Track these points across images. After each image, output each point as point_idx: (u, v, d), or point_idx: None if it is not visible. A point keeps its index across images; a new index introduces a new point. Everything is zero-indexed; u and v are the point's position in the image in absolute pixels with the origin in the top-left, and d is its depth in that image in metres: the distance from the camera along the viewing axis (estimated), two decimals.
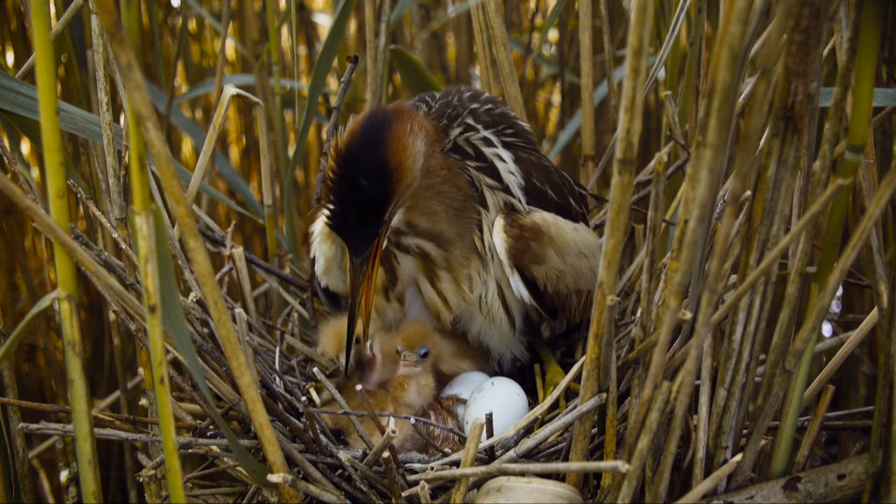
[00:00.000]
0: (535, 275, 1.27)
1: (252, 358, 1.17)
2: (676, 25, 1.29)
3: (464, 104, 1.34)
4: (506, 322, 1.34)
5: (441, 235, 1.26)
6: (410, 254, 1.28)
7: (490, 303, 1.32)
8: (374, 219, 1.17)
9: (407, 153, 1.17)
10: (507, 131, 1.34)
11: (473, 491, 1.02)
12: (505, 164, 1.29)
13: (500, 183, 1.28)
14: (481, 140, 1.30)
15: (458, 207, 1.26)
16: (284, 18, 1.91)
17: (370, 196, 1.14)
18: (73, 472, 1.56)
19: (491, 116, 1.34)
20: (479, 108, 1.34)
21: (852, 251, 0.88)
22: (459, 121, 1.31)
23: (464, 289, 1.30)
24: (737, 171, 0.79)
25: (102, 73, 1.20)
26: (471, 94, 1.38)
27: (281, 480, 0.95)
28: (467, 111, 1.33)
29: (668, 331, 0.84)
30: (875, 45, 0.89)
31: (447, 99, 1.37)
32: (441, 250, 1.28)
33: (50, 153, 0.81)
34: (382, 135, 1.15)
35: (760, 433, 0.99)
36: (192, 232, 0.83)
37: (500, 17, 1.52)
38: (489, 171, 1.28)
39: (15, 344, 0.92)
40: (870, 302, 1.89)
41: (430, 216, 1.25)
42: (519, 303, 1.32)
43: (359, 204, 1.15)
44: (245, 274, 1.47)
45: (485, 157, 1.29)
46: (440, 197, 1.25)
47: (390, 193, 1.16)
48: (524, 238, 1.25)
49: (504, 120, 1.36)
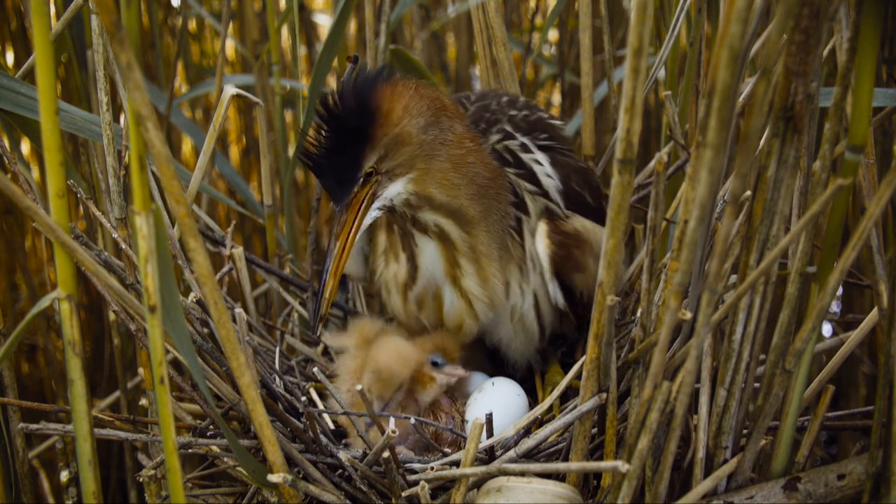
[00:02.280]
0: (574, 283, 1.25)
1: (252, 358, 1.16)
2: (676, 25, 1.29)
3: (502, 110, 1.33)
4: (536, 331, 1.31)
5: (461, 212, 1.21)
6: (429, 234, 1.23)
7: (525, 312, 1.29)
8: (352, 162, 1.16)
9: (397, 104, 1.17)
10: (542, 136, 1.33)
11: (473, 491, 1.02)
12: (542, 168, 1.28)
13: (539, 188, 1.26)
14: (519, 146, 1.29)
15: (482, 184, 1.22)
16: (284, 18, 1.91)
17: (347, 133, 1.14)
18: (73, 472, 1.56)
19: (528, 123, 1.33)
20: (517, 114, 1.33)
21: (852, 251, 0.88)
22: (498, 127, 1.30)
23: (492, 287, 1.25)
24: (737, 171, 0.79)
25: (102, 73, 1.20)
26: (508, 100, 1.37)
27: (281, 480, 0.95)
28: (506, 118, 1.31)
29: (668, 331, 0.84)
30: (875, 45, 0.89)
31: (485, 102, 1.35)
32: (462, 231, 1.22)
33: (50, 153, 0.81)
34: (375, 81, 1.17)
35: (760, 433, 0.99)
36: (192, 232, 0.83)
37: (500, 17, 1.52)
38: (528, 176, 1.27)
39: (15, 344, 0.92)
40: (870, 302, 1.89)
41: (449, 189, 1.21)
42: (553, 311, 1.30)
43: (336, 141, 1.14)
44: (245, 274, 1.47)
45: (523, 163, 1.27)
46: (461, 168, 1.21)
47: (368, 136, 1.15)
48: (567, 245, 1.23)
49: (540, 126, 1.35)
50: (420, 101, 1.20)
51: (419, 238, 1.25)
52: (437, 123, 1.21)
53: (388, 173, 1.20)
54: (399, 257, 1.29)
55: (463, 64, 2.61)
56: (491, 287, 1.26)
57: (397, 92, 1.19)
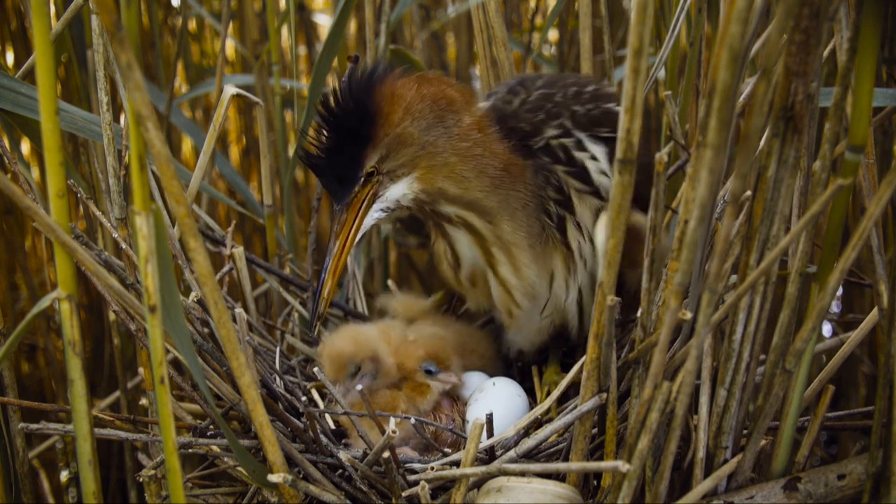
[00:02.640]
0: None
1: (252, 358, 1.16)
2: (676, 25, 1.29)
3: (566, 103, 1.26)
4: (576, 327, 1.29)
5: (478, 203, 1.20)
6: (455, 224, 1.23)
7: (567, 306, 1.28)
8: (351, 162, 1.16)
9: (397, 105, 1.17)
10: (604, 130, 1.26)
11: (473, 491, 1.02)
12: (597, 164, 1.23)
13: (590, 186, 1.23)
14: (574, 143, 1.24)
15: (494, 175, 1.21)
16: (284, 18, 1.91)
17: (348, 133, 1.14)
18: (73, 472, 1.56)
19: (589, 118, 1.26)
20: (580, 109, 1.26)
21: (852, 251, 0.88)
22: (558, 122, 1.25)
23: (525, 277, 1.24)
24: (737, 171, 0.79)
25: (102, 73, 1.20)
26: (575, 92, 1.29)
27: (281, 480, 0.95)
28: (567, 112, 1.26)
29: (668, 331, 0.84)
30: (875, 45, 0.88)
31: (550, 91, 1.29)
32: (485, 222, 1.21)
33: (50, 153, 0.81)
34: (375, 80, 1.17)
35: (760, 433, 0.99)
36: (192, 232, 0.83)
37: (500, 17, 1.52)
38: (579, 175, 1.23)
39: (15, 344, 0.92)
40: (870, 302, 1.89)
41: (458, 181, 1.20)
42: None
43: (336, 141, 1.14)
44: (245, 274, 1.47)
45: (574, 160, 1.23)
46: (469, 161, 1.20)
47: (368, 136, 1.15)
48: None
49: (606, 119, 1.28)
50: (422, 100, 1.19)
51: (449, 228, 1.25)
52: (442, 121, 1.20)
53: (390, 174, 1.19)
54: (440, 242, 1.30)
55: (463, 64, 2.61)
56: (524, 276, 1.24)
57: (397, 92, 1.19)
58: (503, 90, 1.33)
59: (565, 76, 1.38)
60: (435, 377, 1.27)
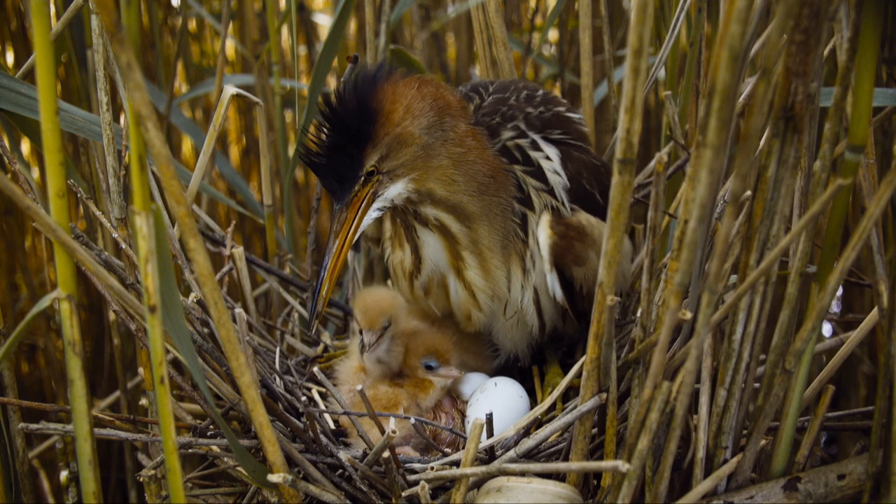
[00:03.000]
0: (574, 275, 1.25)
1: (252, 358, 1.16)
2: (676, 25, 1.29)
3: (520, 106, 1.31)
4: (536, 325, 1.31)
5: (461, 207, 1.22)
6: (430, 227, 1.24)
7: (525, 307, 1.29)
8: (351, 162, 1.17)
9: (398, 104, 1.18)
10: (556, 132, 1.31)
11: (473, 491, 1.02)
12: (551, 164, 1.27)
13: (545, 185, 1.26)
14: (529, 144, 1.28)
15: (482, 181, 1.23)
16: (284, 18, 1.91)
17: (349, 133, 1.15)
18: (73, 472, 1.56)
19: (542, 120, 1.31)
20: (533, 112, 1.31)
21: (852, 251, 0.88)
22: (513, 124, 1.29)
23: (495, 279, 1.26)
24: (737, 171, 0.79)
25: (102, 73, 1.20)
26: (527, 95, 1.34)
27: (281, 480, 0.95)
28: (522, 115, 1.30)
29: (668, 331, 0.84)
30: (875, 45, 0.89)
31: (503, 95, 1.33)
32: (462, 226, 1.23)
33: (50, 153, 0.81)
34: (377, 80, 1.19)
35: (760, 433, 0.99)
36: (192, 232, 0.83)
37: (500, 17, 1.52)
38: (535, 174, 1.26)
39: (15, 344, 0.92)
40: (870, 302, 1.89)
41: (448, 184, 1.22)
42: (553, 306, 1.29)
43: (337, 140, 1.16)
44: (245, 274, 1.47)
45: (531, 159, 1.27)
46: (462, 166, 1.22)
47: (369, 135, 1.16)
48: (568, 237, 1.23)
49: (556, 122, 1.33)
50: (422, 100, 1.21)
51: (421, 231, 1.26)
52: (440, 123, 1.21)
53: (390, 173, 1.20)
54: (404, 247, 1.31)
55: (463, 64, 2.61)
56: (493, 279, 1.27)
57: (399, 92, 1.20)
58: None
59: (515, 81, 1.42)
60: (435, 372, 1.27)
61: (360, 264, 1.76)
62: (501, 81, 1.40)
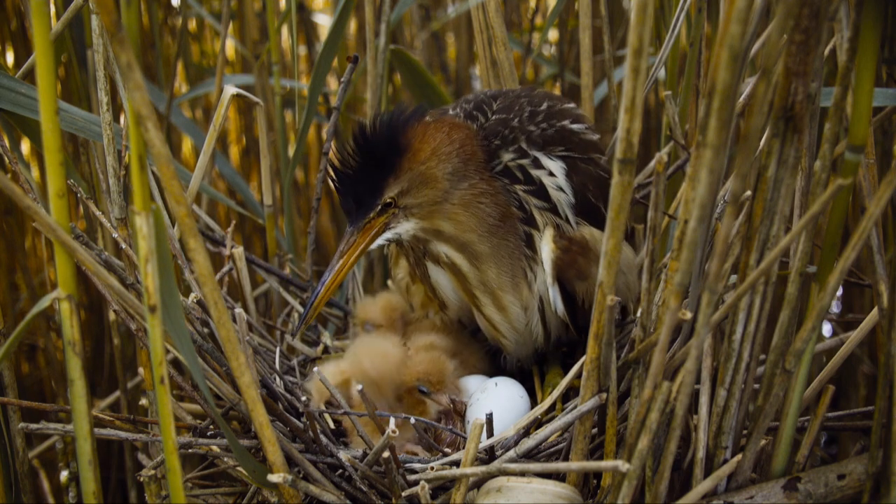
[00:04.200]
0: (577, 289, 1.26)
1: (252, 358, 1.17)
2: (676, 25, 1.29)
3: (522, 127, 1.30)
4: (541, 335, 1.33)
5: (470, 247, 1.25)
6: (441, 265, 1.27)
7: (533, 328, 1.31)
8: (372, 189, 1.20)
9: (427, 144, 1.22)
10: (559, 149, 1.30)
11: (473, 491, 1.02)
12: (554, 179, 1.27)
13: (547, 202, 1.26)
14: (531, 162, 1.28)
15: (492, 224, 1.25)
16: (284, 18, 1.91)
17: (375, 161, 1.18)
18: (73, 472, 1.56)
19: (544, 137, 1.30)
20: (535, 130, 1.30)
21: (852, 251, 0.88)
22: (515, 147, 1.29)
23: (510, 314, 1.29)
24: (737, 171, 0.79)
25: (102, 73, 1.20)
26: (531, 112, 1.33)
27: (281, 480, 0.95)
28: (524, 136, 1.29)
29: (668, 331, 0.84)
30: (875, 45, 0.89)
31: (506, 116, 1.32)
32: (472, 266, 1.26)
33: (50, 153, 0.81)
34: (409, 118, 1.22)
35: (760, 433, 0.99)
36: (192, 232, 0.83)
37: (500, 17, 1.52)
38: (537, 192, 1.26)
39: (15, 344, 0.92)
40: (870, 302, 1.89)
41: (457, 224, 1.24)
42: (556, 318, 1.30)
43: (363, 165, 1.19)
44: (245, 274, 1.47)
45: (533, 179, 1.27)
46: (471, 209, 1.24)
47: (393, 167, 1.19)
48: (572, 251, 1.24)
49: (559, 137, 1.31)
50: (450, 145, 1.24)
51: (432, 269, 1.30)
52: (463, 171, 1.24)
53: (406, 209, 1.23)
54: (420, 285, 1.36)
55: (463, 64, 2.61)
56: (510, 314, 1.30)
57: (429, 133, 1.23)
58: (461, 115, 1.36)
59: (520, 95, 1.39)
60: (428, 397, 1.28)
61: (359, 266, 1.76)
62: (506, 97, 1.38)
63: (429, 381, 1.28)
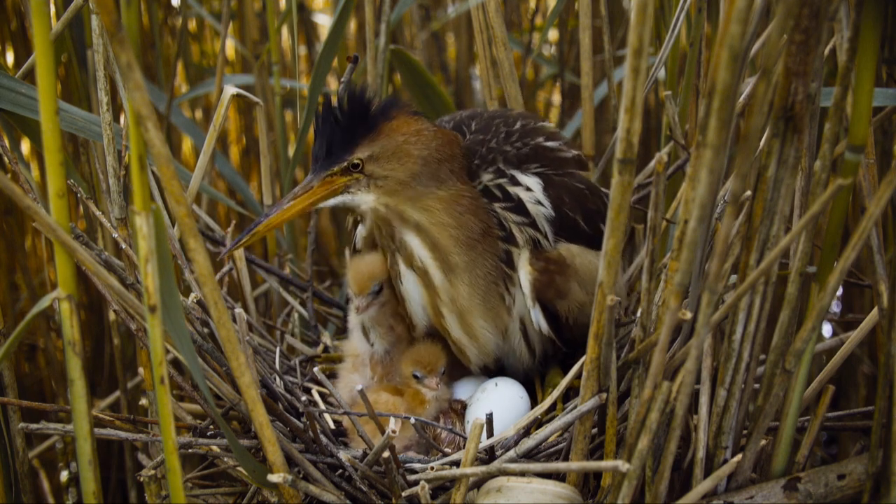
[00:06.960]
0: (558, 308, 1.26)
1: (252, 358, 1.17)
2: (676, 25, 1.29)
3: (499, 148, 1.32)
4: (526, 354, 1.32)
5: (445, 252, 1.22)
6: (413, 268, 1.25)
7: (515, 347, 1.31)
8: (346, 141, 1.20)
9: (410, 125, 1.23)
10: (534, 165, 1.31)
11: (473, 491, 1.02)
12: (532, 194, 1.27)
13: (526, 217, 1.26)
14: (508, 180, 1.28)
15: (471, 235, 1.23)
16: (284, 18, 1.91)
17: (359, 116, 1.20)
18: (73, 472, 1.56)
19: (518, 157, 1.31)
20: (511, 150, 1.32)
21: (852, 251, 0.88)
22: (494, 167, 1.30)
23: (479, 339, 1.27)
24: (737, 171, 0.79)
25: (102, 73, 1.20)
26: (506, 133, 1.35)
27: (281, 480, 0.95)
28: (501, 157, 1.31)
29: (668, 331, 0.84)
30: (875, 45, 0.89)
31: (484, 137, 1.34)
32: (444, 277, 1.23)
33: (50, 153, 0.81)
34: (393, 101, 1.24)
35: (760, 433, 0.99)
36: (192, 232, 0.83)
37: (500, 17, 1.52)
38: (516, 208, 1.26)
39: (15, 344, 0.92)
40: (870, 302, 1.89)
41: (430, 214, 1.22)
42: (539, 335, 1.30)
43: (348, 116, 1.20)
44: (245, 274, 1.47)
45: (511, 196, 1.27)
46: (450, 210, 1.23)
47: (371, 127, 1.21)
48: (549, 272, 1.24)
49: (535, 155, 1.32)
50: (434, 139, 1.24)
51: (404, 272, 1.26)
52: (438, 166, 1.23)
53: (370, 178, 1.22)
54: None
55: (463, 64, 2.61)
56: (479, 338, 1.28)
57: (417, 119, 1.25)
58: None
59: (494, 116, 1.42)
60: (420, 382, 1.27)
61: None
62: (482, 118, 1.41)
63: (421, 363, 1.28)
